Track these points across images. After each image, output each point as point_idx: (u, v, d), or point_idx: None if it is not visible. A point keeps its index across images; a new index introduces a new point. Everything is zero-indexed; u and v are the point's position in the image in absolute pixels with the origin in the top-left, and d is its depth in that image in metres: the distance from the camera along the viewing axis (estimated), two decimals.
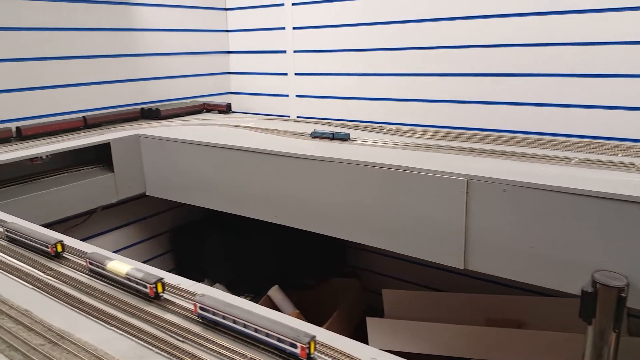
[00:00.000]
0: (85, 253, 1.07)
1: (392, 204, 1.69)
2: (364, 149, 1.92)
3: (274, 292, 2.49)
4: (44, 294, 0.91)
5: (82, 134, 2.29)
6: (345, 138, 2.10)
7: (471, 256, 1.59)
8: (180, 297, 0.90)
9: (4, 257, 1.06)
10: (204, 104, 2.89)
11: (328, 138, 2.15)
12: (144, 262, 1.16)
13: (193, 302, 0.83)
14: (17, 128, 2.15)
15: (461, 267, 1.61)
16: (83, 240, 2.47)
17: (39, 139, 2.18)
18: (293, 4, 2.80)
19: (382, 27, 2.55)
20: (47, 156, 2.01)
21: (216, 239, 2.80)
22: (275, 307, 2.50)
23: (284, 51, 2.91)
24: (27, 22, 2.20)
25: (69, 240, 1.13)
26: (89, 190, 2.12)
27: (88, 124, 2.37)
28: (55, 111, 2.35)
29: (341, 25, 2.69)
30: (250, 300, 2.67)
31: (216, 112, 2.86)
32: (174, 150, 2.23)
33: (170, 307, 0.87)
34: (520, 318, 2.16)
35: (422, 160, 1.70)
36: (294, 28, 2.83)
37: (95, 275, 0.98)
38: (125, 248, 2.69)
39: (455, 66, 2.39)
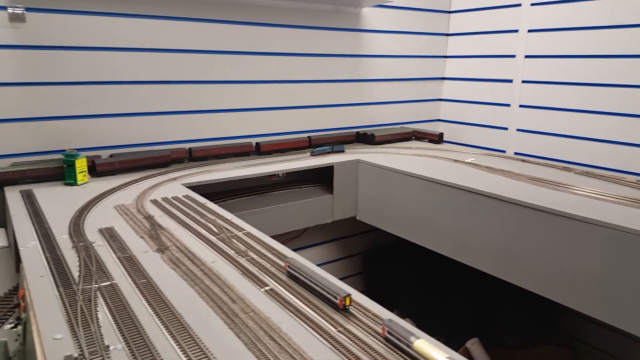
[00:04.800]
0: (375, 315, 0.96)
1: None
2: (618, 209, 1.54)
3: (474, 346, 2.20)
4: (342, 358, 0.84)
5: (307, 153, 2.35)
6: (341, 150, 2.33)
7: None
8: None
9: (290, 298, 1.03)
10: (414, 131, 2.74)
11: (327, 152, 2.30)
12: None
13: None
14: (257, 144, 2.29)
15: None
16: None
17: (272, 155, 2.30)
18: (529, 31, 2.47)
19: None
20: (282, 174, 2.09)
21: (408, 271, 2.63)
22: None
23: (510, 80, 2.60)
24: (273, 48, 2.34)
25: (351, 291, 1.06)
26: (310, 209, 2.13)
27: (312, 143, 2.43)
28: (285, 130, 2.46)
29: (576, 56, 2.28)
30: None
31: (426, 140, 2.70)
32: (391, 180, 2.12)
33: None
34: None
35: None
36: (525, 56, 2.51)
37: (393, 348, 0.87)
38: (323, 264, 2.71)
39: None
